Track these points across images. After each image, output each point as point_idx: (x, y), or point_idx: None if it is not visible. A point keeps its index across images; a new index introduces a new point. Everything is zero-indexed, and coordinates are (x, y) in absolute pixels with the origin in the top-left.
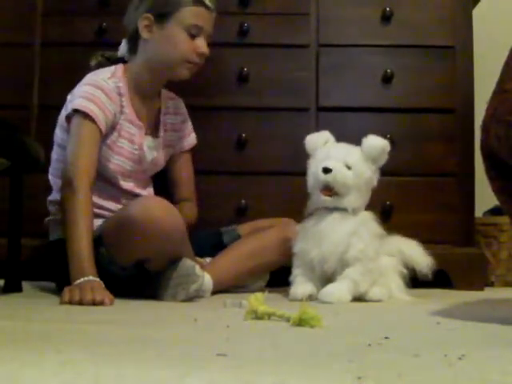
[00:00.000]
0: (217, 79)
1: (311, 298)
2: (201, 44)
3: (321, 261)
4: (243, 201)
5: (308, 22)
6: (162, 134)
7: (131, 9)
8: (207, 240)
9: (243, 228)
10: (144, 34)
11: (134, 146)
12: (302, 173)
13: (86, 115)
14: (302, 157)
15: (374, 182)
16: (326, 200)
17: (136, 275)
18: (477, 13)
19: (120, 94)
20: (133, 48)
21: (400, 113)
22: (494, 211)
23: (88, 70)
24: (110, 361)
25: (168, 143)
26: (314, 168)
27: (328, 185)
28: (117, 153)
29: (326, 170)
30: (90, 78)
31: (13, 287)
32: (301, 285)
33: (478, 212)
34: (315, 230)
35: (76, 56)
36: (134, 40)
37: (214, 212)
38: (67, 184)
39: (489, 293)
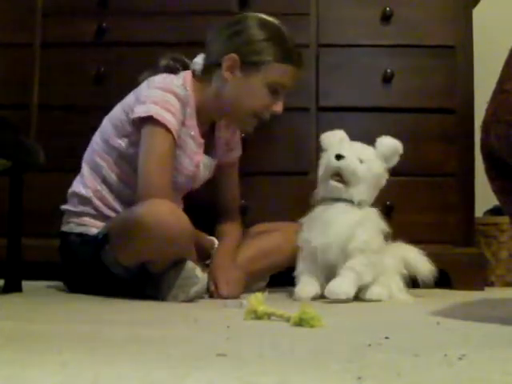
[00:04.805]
0: None
1: (315, 297)
2: (278, 104)
3: (324, 250)
4: (243, 201)
5: (308, 22)
6: (217, 152)
7: (220, 37)
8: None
9: (248, 231)
10: (225, 73)
11: (191, 163)
12: (302, 173)
13: (160, 124)
14: (302, 157)
15: (383, 182)
16: (334, 187)
17: (138, 275)
18: (477, 13)
19: (186, 104)
20: (207, 73)
21: (400, 113)
22: (494, 211)
23: (152, 71)
24: (109, 361)
25: (217, 158)
26: (327, 158)
27: (339, 171)
28: (174, 168)
29: (339, 157)
30: (161, 81)
31: (13, 287)
32: (305, 285)
33: (478, 212)
34: (320, 220)
35: (76, 56)
36: (212, 68)
37: (214, 212)
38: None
39: (489, 293)
